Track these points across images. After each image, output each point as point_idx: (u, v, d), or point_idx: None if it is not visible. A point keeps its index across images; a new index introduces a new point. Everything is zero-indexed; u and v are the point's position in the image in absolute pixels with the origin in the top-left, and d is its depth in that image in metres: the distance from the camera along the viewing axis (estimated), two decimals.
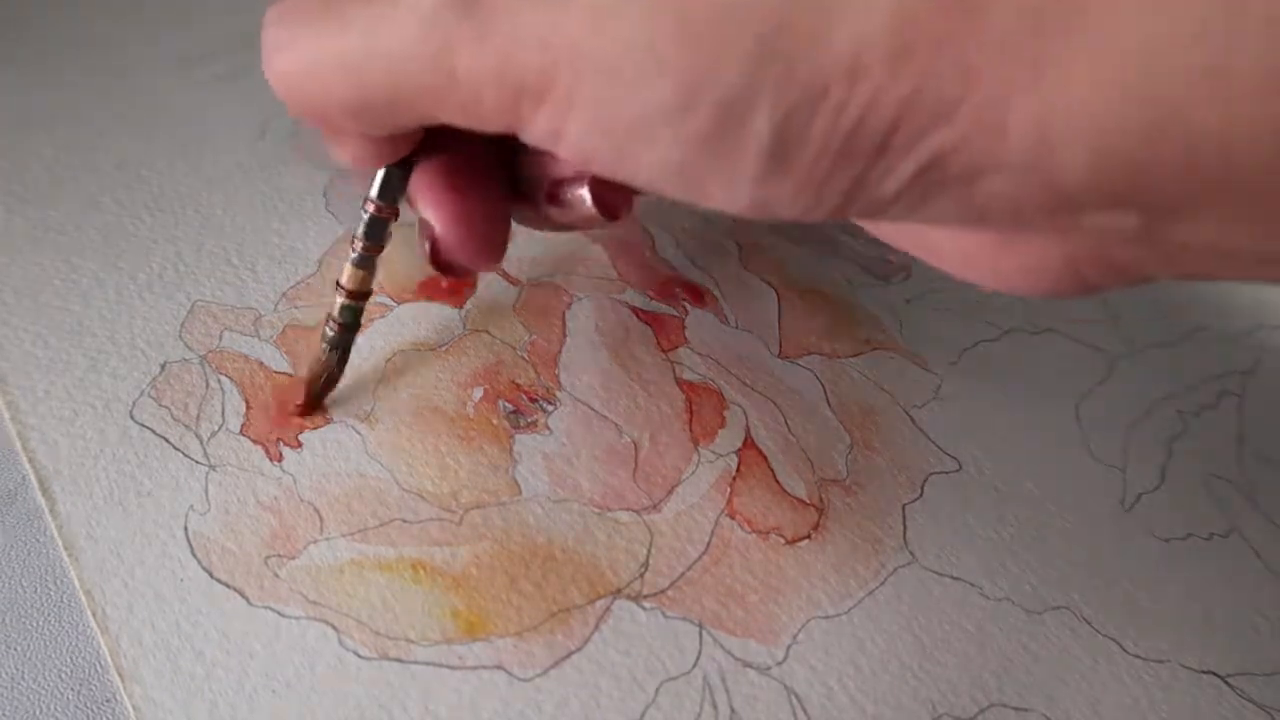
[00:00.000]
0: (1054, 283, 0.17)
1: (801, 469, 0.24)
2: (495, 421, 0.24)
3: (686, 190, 0.16)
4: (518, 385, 0.25)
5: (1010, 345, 0.29)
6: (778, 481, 0.24)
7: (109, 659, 0.20)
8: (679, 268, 0.29)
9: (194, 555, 0.21)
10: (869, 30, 0.13)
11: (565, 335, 0.26)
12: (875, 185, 0.15)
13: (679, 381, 0.26)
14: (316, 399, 0.24)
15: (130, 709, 0.19)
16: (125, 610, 0.20)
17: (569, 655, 0.21)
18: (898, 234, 0.19)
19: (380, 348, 0.25)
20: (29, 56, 0.34)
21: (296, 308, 0.26)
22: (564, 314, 0.27)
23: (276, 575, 0.21)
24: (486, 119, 0.16)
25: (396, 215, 0.21)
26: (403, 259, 0.27)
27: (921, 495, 0.24)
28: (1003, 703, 0.21)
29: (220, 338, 0.25)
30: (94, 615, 0.20)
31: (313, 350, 0.24)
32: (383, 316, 0.26)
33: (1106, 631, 0.23)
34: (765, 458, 0.24)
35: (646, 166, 0.15)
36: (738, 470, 0.24)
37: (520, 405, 0.25)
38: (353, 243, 0.22)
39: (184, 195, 0.29)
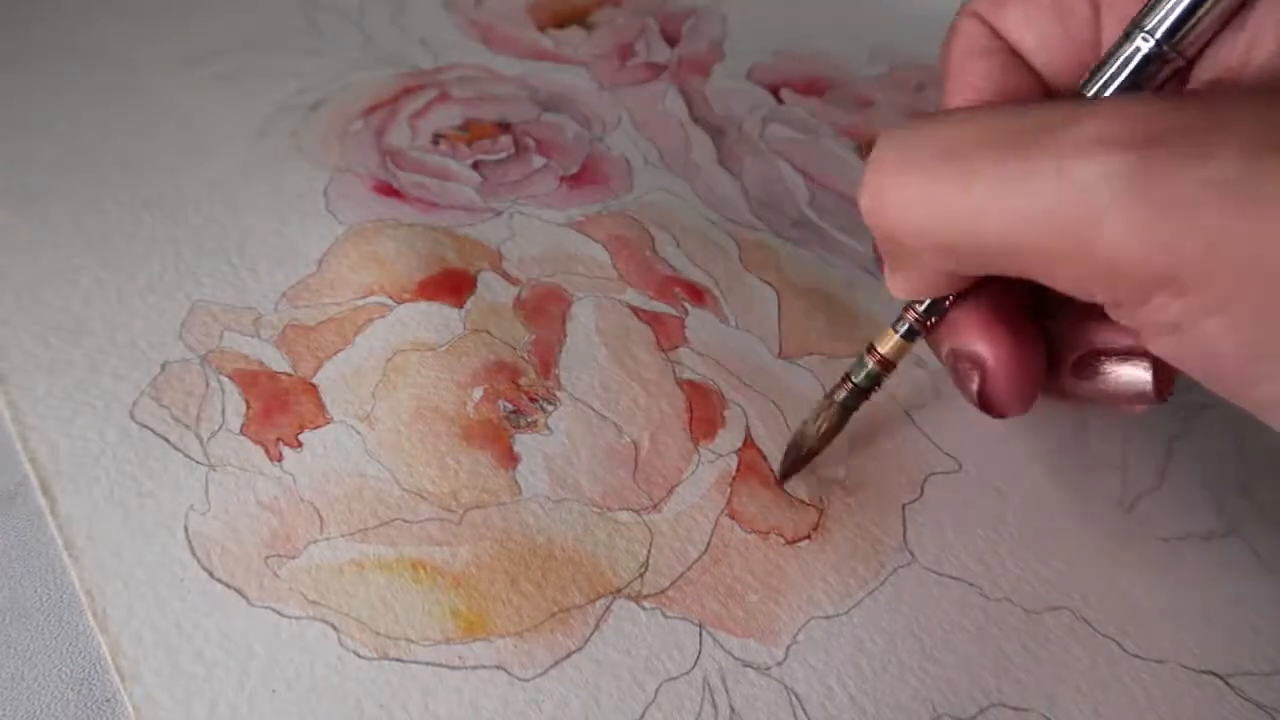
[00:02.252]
0: None
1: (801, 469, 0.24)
2: (495, 421, 0.24)
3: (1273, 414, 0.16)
4: (518, 385, 0.25)
5: None
6: (778, 481, 0.24)
7: (109, 659, 0.20)
8: (679, 268, 0.29)
9: (194, 555, 0.21)
10: None
11: (565, 335, 0.26)
12: None
13: (679, 381, 0.26)
14: (802, 461, 0.24)
15: (130, 709, 0.19)
16: (125, 610, 0.20)
17: (569, 655, 0.21)
18: None
19: (380, 348, 0.25)
20: (29, 57, 0.34)
21: (296, 308, 0.26)
22: (564, 314, 0.27)
23: (276, 575, 0.21)
24: (1099, 288, 0.16)
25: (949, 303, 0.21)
26: (403, 258, 0.27)
27: (921, 495, 0.24)
28: (1003, 703, 0.21)
29: (220, 338, 0.25)
30: (94, 615, 0.20)
31: (821, 409, 0.23)
32: (383, 316, 0.26)
33: (1106, 631, 0.23)
34: (765, 458, 0.24)
35: (1266, 394, 0.16)
36: (738, 470, 0.24)
37: (520, 405, 0.25)
38: (907, 310, 0.21)
39: (184, 195, 0.29)
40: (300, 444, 0.23)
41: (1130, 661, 0.22)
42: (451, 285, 0.27)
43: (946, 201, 0.17)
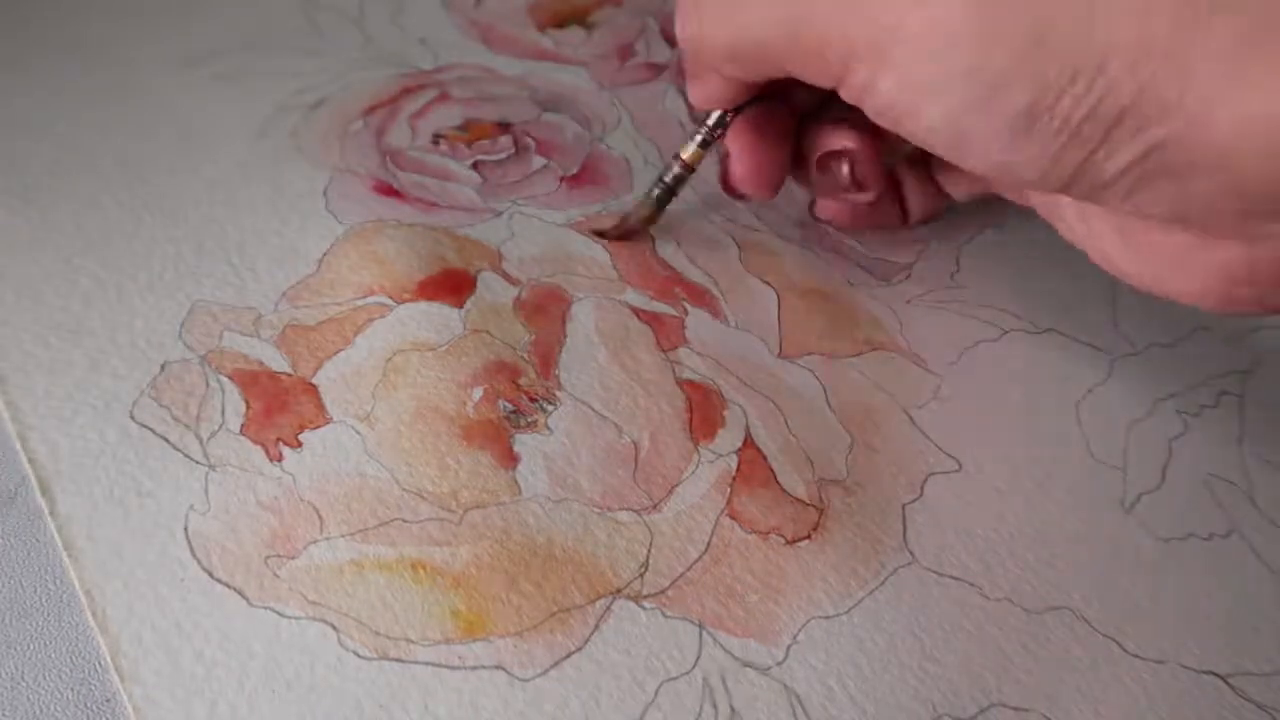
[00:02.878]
0: (1205, 294, 0.21)
1: (801, 469, 0.24)
2: (495, 421, 0.24)
3: (950, 145, 0.21)
4: (518, 385, 0.25)
5: (1010, 345, 0.29)
6: (778, 481, 0.24)
7: (109, 659, 0.20)
8: (679, 268, 0.29)
9: (194, 555, 0.21)
10: (1118, 38, 0.17)
11: (565, 335, 0.26)
12: (1100, 164, 0.19)
13: (679, 381, 0.26)
14: (626, 233, 0.29)
15: (130, 709, 0.19)
16: (125, 610, 0.20)
17: (569, 655, 0.21)
18: (1105, 226, 0.23)
19: (380, 348, 0.25)
20: (29, 56, 0.34)
21: (296, 308, 0.26)
22: (564, 314, 0.27)
23: (276, 575, 0.21)
24: (820, 73, 0.22)
25: (716, 141, 0.28)
26: (403, 258, 0.27)
27: (921, 495, 0.24)
28: (1003, 703, 0.21)
29: (220, 338, 0.25)
30: (94, 615, 0.20)
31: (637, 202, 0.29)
32: (383, 316, 0.26)
33: (1106, 631, 0.23)
34: (765, 458, 0.24)
35: (928, 120, 0.20)
36: (738, 470, 0.24)
37: (520, 405, 0.25)
38: (700, 128, 0.28)
39: (184, 195, 0.29)
40: (300, 444, 0.23)
41: (1130, 661, 0.22)
42: (451, 285, 0.27)
43: (730, 9, 0.23)
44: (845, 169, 0.27)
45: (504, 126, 0.33)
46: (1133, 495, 0.25)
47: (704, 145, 0.28)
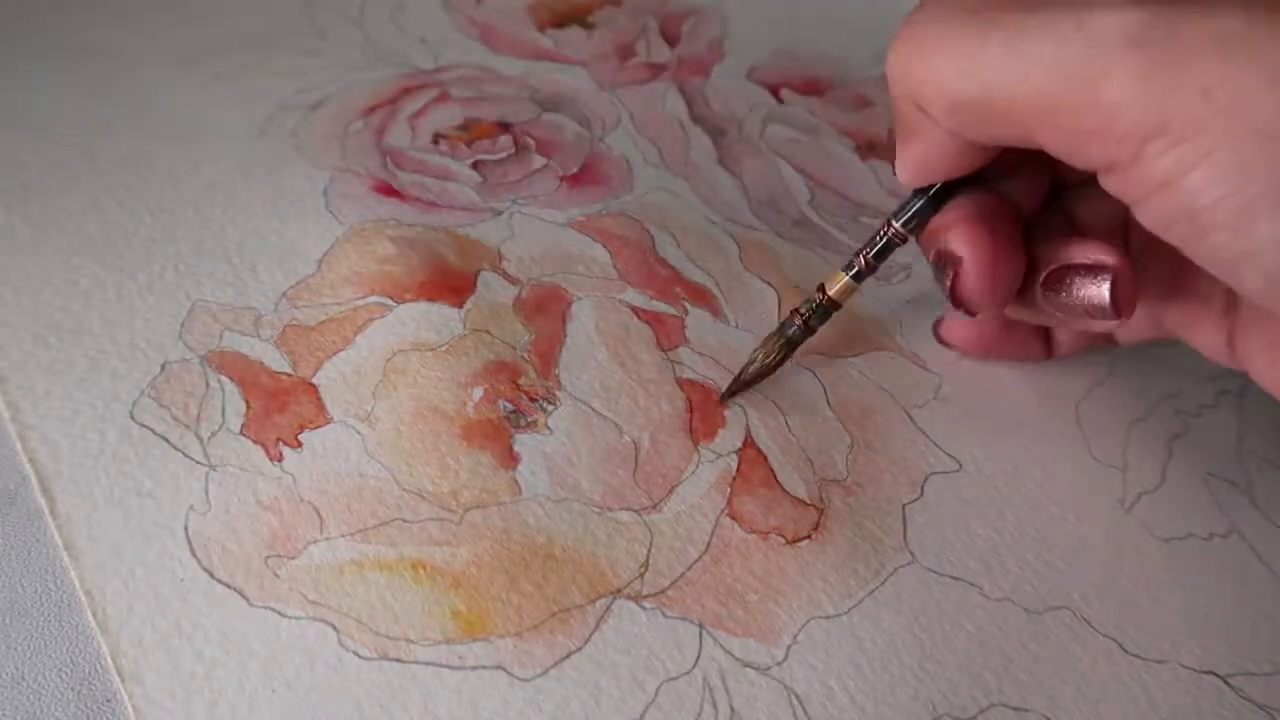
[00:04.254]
0: None
1: (801, 469, 0.24)
2: (495, 421, 0.24)
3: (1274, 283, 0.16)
4: (518, 385, 0.25)
5: None
6: (778, 481, 0.24)
7: (109, 659, 0.20)
8: (679, 268, 0.29)
9: (194, 555, 0.21)
10: None
11: (565, 335, 0.26)
12: None
13: (679, 381, 0.26)
14: (744, 386, 0.25)
15: (130, 709, 0.19)
16: (125, 610, 0.20)
17: (569, 655, 0.21)
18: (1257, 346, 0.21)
19: (380, 348, 0.25)
20: (29, 56, 0.34)
21: (296, 308, 0.26)
22: (564, 314, 0.27)
23: (277, 575, 0.21)
24: (1095, 148, 0.17)
25: (905, 242, 0.24)
26: (403, 258, 0.27)
27: (921, 495, 0.24)
28: (1003, 703, 0.21)
29: (220, 338, 0.25)
30: (94, 615, 0.20)
31: (764, 342, 0.25)
32: (382, 316, 0.26)
33: (1106, 631, 0.23)
34: (765, 458, 0.24)
35: (1259, 240, 0.16)
36: (738, 470, 0.24)
37: (520, 405, 0.25)
38: (859, 256, 0.24)
39: (184, 195, 0.29)
40: (300, 444, 0.23)
41: (1130, 661, 0.22)
42: (451, 285, 0.27)
43: (969, 53, 0.18)
44: (1106, 288, 0.21)
45: (504, 126, 0.33)
46: (1133, 495, 0.25)
47: (858, 278, 0.24)
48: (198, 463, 0.23)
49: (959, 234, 0.22)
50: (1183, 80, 0.15)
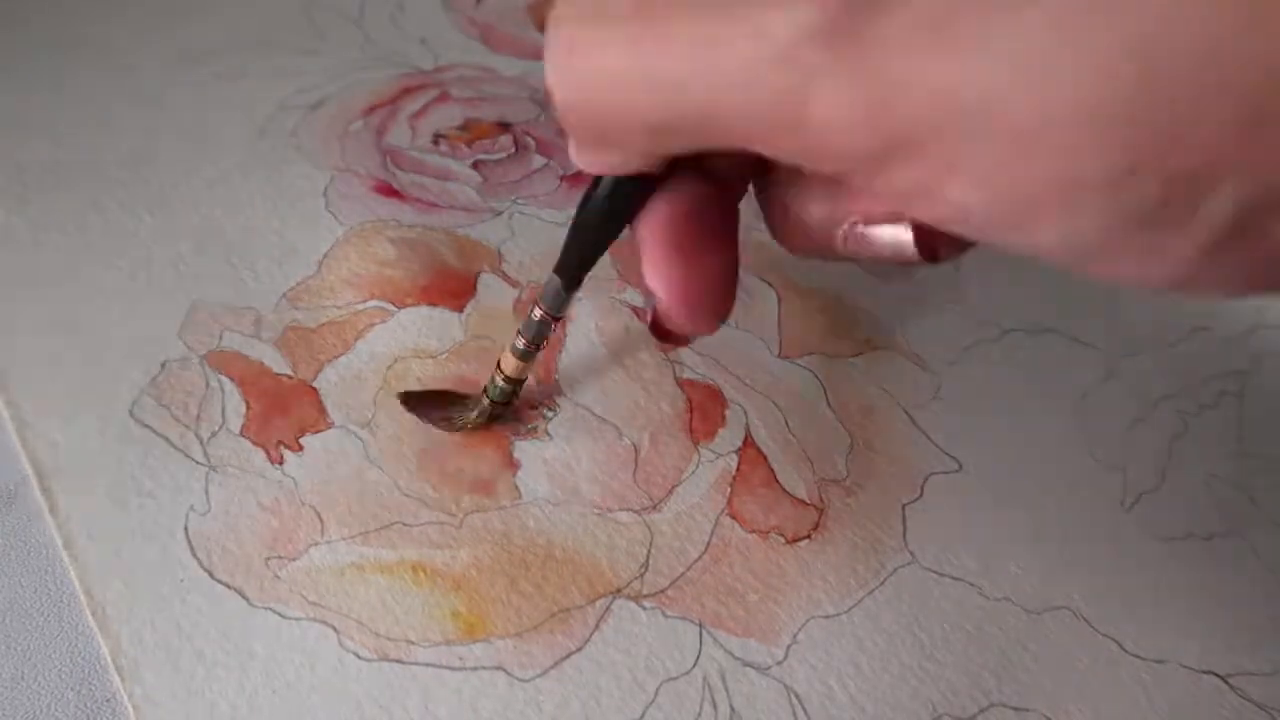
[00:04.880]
0: None
1: (801, 469, 0.24)
2: (495, 427, 0.24)
3: (1085, 262, 0.14)
4: None
5: (1010, 345, 0.29)
6: (778, 481, 0.24)
7: (109, 659, 0.20)
8: None
9: (194, 555, 0.21)
10: None
11: (565, 337, 0.26)
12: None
13: (679, 381, 0.26)
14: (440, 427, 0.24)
15: (130, 709, 0.19)
16: (125, 610, 0.20)
17: (569, 655, 0.21)
18: None
19: (381, 354, 0.25)
20: (29, 56, 0.34)
21: (296, 308, 0.26)
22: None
23: (277, 576, 0.21)
24: (825, 162, 0.14)
25: (558, 321, 0.21)
26: (403, 262, 0.27)
27: (921, 495, 0.24)
28: (1003, 703, 0.21)
29: (220, 338, 0.25)
30: (94, 615, 0.20)
31: (471, 401, 0.24)
32: (383, 322, 0.26)
33: (1106, 631, 0.23)
34: (765, 458, 0.24)
35: (1046, 238, 0.13)
36: (738, 470, 0.24)
37: (520, 412, 0.25)
38: (518, 336, 0.22)
39: (184, 195, 0.29)
40: (301, 447, 0.23)
41: (1130, 661, 0.22)
42: (451, 289, 0.27)
43: (644, 74, 0.14)
44: (908, 234, 0.16)
45: (504, 126, 0.33)
46: (1133, 495, 0.25)
47: (525, 356, 0.22)
48: (198, 463, 0.23)
49: (650, 265, 0.18)
50: (901, 84, 0.13)
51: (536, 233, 0.29)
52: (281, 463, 0.23)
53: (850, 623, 0.22)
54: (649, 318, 0.19)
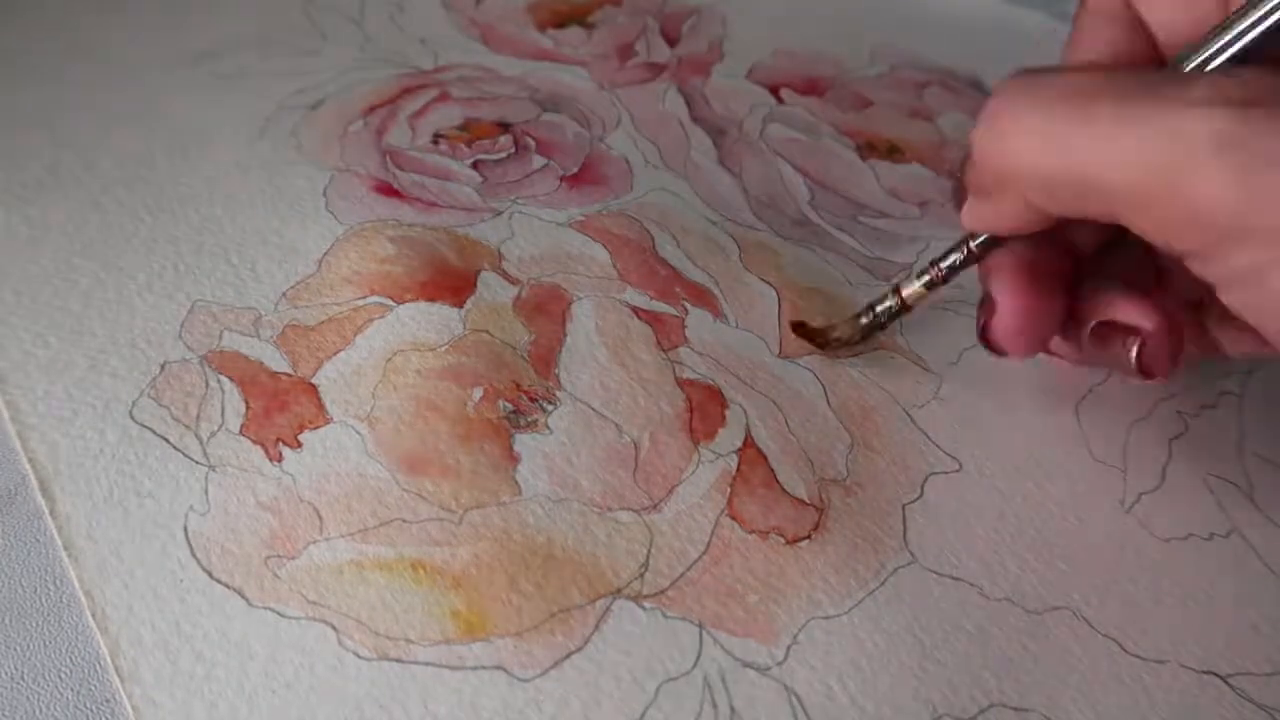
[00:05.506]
0: None
1: (801, 469, 0.24)
2: (495, 421, 0.24)
3: None
4: (518, 385, 0.25)
5: None
6: (778, 481, 0.24)
7: (109, 659, 0.20)
8: (679, 268, 0.29)
9: (194, 555, 0.21)
10: None
11: (565, 335, 0.26)
12: None
13: (679, 381, 0.26)
14: (822, 346, 0.27)
15: (130, 709, 0.19)
16: (125, 610, 0.20)
17: (569, 655, 0.21)
18: None
19: (380, 348, 0.25)
20: (29, 56, 0.34)
21: (296, 308, 0.26)
22: (564, 314, 0.27)
23: (276, 575, 0.21)
24: (1183, 238, 0.18)
25: (978, 262, 0.24)
26: (403, 259, 0.27)
27: (921, 495, 0.24)
28: (1003, 703, 0.21)
29: (220, 338, 0.25)
30: (94, 615, 0.20)
31: (843, 323, 0.27)
32: (382, 316, 0.26)
33: (1106, 631, 0.23)
34: (765, 458, 0.24)
35: None
36: (738, 470, 0.24)
37: (520, 405, 0.25)
38: (934, 266, 0.25)
39: (184, 195, 0.29)
40: (300, 444, 0.23)
41: (1130, 661, 0.22)
42: (451, 285, 0.27)
43: (1062, 138, 0.19)
44: (1133, 351, 0.22)
45: (504, 126, 0.33)
46: (1133, 495, 0.25)
47: (929, 286, 0.25)
48: (197, 463, 0.23)
49: (1001, 279, 0.23)
50: (1266, 186, 0.16)
51: (536, 233, 0.29)
52: (280, 460, 0.23)
53: (850, 623, 0.22)
54: (981, 322, 0.23)
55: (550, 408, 0.25)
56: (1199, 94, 0.17)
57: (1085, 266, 0.24)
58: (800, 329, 0.27)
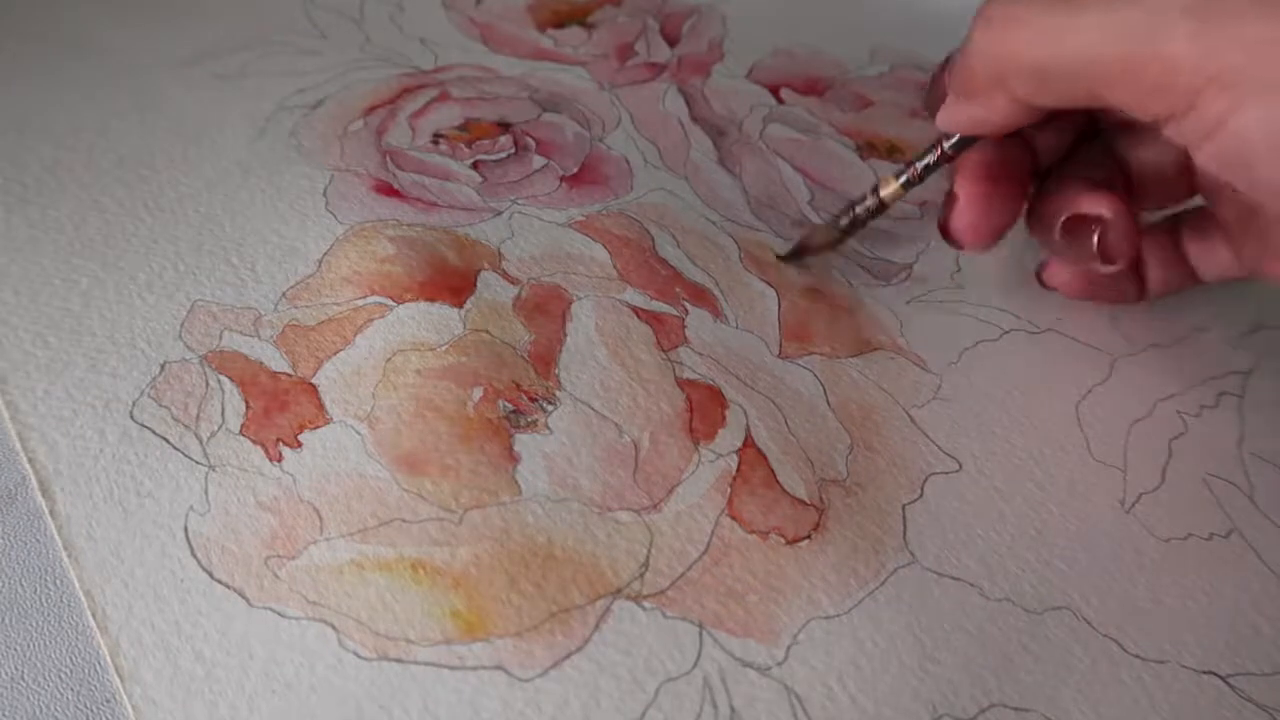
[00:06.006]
0: None
1: (801, 469, 0.24)
2: (495, 421, 0.24)
3: None
4: (518, 385, 0.25)
5: (1010, 345, 0.29)
6: (778, 481, 0.24)
7: (109, 659, 0.20)
8: (679, 268, 0.29)
9: (194, 555, 0.21)
10: None
11: (565, 335, 0.26)
12: None
13: (679, 381, 0.26)
14: (801, 255, 0.29)
15: (130, 709, 0.19)
16: (125, 610, 0.20)
17: (569, 655, 0.21)
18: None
19: (380, 348, 0.25)
20: (29, 56, 0.34)
21: (296, 308, 0.26)
22: (564, 313, 0.27)
23: (276, 575, 0.21)
24: (1158, 101, 0.20)
25: (950, 162, 0.26)
26: (403, 259, 0.27)
27: (921, 495, 0.24)
28: (1003, 703, 0.21)
29: (220, 338, 0.25)
30: (94, 615, 0.20)
31: (819, 227, 0.29)
32: (382, 316, 0.26)
33: (1106, 631, 0.23)
34: (765, 458, 0.24)
35: None
36: (738, 470, 0.24)
37: (520, 405, 0.25)
38: (910, 166, 0.26)
39: (184, 195, 0.29)
40: (300, 444, 0.23)
41: (1130, 661, 0.22)
42: (451, 285, 0.27)
43: (1056, 30, 0.21)
44: (1094, 238, 0.24)
45: (504, 126, 0.33)
46: (1133, 495, 0.25)
47: (907, 186, 0.27)
48: (197, 463, 0.23)
49: (964, 175, 0.25)
50: (1228, 38, 0.19)
51: (536, 233, 0.29)
52: (280, 460, 0.23)
53: (850, 623, 0.22)
54: (940, 217, 0.26)
55: (550, 408, 0.25)
56: None
57: (1052, 173, 0.26)
58: (781, 258, 0.29)
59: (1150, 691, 0.22)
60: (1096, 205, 0.24)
